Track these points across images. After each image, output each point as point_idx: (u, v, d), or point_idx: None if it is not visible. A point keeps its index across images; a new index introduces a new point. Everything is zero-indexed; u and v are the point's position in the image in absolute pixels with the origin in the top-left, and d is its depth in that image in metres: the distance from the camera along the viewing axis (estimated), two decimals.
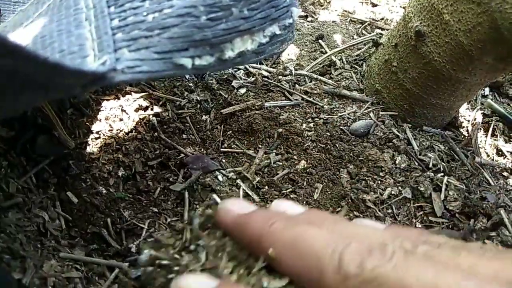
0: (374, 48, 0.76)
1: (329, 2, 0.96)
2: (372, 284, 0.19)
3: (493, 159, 0.68)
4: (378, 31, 0.85)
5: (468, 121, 0.73)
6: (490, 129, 0.72)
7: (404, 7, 0.97)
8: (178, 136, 0.62)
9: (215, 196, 0.27)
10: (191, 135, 0.63)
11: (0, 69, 0.20)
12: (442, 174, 0.61)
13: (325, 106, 0.71)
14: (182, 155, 0.60)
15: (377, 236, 0.21)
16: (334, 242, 0.20)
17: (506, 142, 0.72)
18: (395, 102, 0.69)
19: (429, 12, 0.58)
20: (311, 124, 0.68)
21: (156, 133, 0.61)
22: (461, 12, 0.54)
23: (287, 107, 0.70)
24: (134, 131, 0.60)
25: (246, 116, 0.67)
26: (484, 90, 0.80)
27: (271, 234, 0.22)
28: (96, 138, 0.58)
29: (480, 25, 0.52)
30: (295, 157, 0.62)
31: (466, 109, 0.76)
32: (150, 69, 0.29)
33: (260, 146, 0.64)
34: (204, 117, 0.67)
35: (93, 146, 0.58)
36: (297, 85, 0.74)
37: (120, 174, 0.57)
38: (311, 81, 0.76)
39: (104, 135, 0.59)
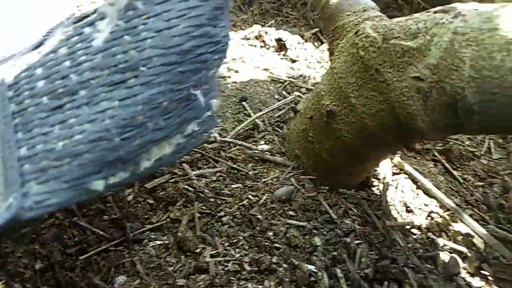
0: (293, 113, 0.81)
1: (252, 59, 1.00)
2: None
3: (402, 217, 0.74)
4: (297, 93, 0.90)
5: (379, 179, 0.80)
6: (399, 187, 0.79)
7: (320, 62, 1.04)
8: (99, 218, 0.61)
9: None
10: (113, 215, 0.62)
11: None
12: (357, 239, 0.65)
13: (249, 172, 0.73)
14: (103, 239, 0.59)
15: None
16: None
17: (414, 199, 0.79)
18: (313, 167, 0.74)
19: (338, 94, 0.63)
20: (237, 192, 0.70)
21: (75, 218, 0.60)
22: (365, 98, 0.59)
23: (213, 175, 0.71)
24: (51, 217, 0.59)
25: (171, 188, 0.67)
26: None
27: None
28: None
29: (383, 111, 0.58)
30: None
31: (377, 167, 0.82)
32: (59, 201, 0.28)
33: (185, 215, 0.64)
34: (127, 192, 0.66)
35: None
36: (222, 152, 0.76)
37: (37, 267, 0.55)
38: (235, 147, 0.78)
39: None
